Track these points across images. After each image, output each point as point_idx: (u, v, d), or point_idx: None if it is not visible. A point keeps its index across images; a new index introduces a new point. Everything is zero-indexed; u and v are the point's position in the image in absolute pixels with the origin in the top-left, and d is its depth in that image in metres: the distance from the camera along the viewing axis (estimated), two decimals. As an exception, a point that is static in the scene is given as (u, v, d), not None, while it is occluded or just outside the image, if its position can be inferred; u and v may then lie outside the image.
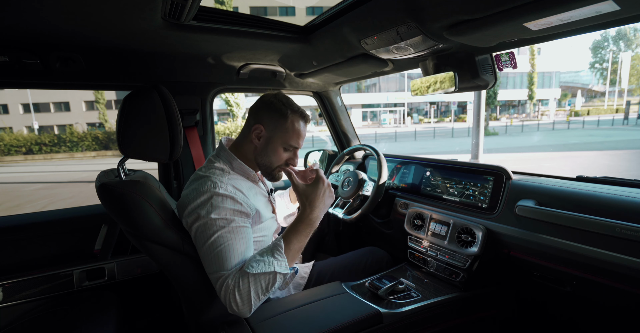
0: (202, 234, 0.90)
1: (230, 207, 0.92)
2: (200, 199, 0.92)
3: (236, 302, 0.85)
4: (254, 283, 0.86)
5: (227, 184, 0.96)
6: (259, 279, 0.86)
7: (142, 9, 0.91)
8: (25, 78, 1.25)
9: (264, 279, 0.87)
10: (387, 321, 0.99)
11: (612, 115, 29.95)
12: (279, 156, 1.04)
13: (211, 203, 0.91)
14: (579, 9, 0.71)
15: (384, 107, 33.09)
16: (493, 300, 1.26)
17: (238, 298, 0.85)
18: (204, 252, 0.90)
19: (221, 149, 1.07)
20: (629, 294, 0.89)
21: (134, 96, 0.93)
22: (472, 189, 1.29)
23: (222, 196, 0.92)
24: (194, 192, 0.95)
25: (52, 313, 1.21)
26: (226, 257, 0.88)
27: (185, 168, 1.61)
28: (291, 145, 1.04)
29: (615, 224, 0.86)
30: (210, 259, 0.89)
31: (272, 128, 1.02)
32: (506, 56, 1.17)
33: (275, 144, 1.03)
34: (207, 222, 0.90)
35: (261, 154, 1.04)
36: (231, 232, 0.91)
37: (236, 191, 0.96)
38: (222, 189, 0.93)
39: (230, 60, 1.46)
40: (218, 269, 0.88)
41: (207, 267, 0.90)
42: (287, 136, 1.03)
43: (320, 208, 1.01)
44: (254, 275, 0.86)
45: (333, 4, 1.11)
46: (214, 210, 0.90)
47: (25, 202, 7.59)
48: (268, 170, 1.07)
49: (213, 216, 0.90)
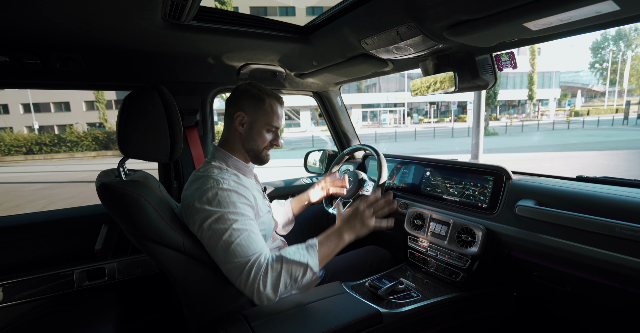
0: (217, 230, 0.91)
1: (237, 200, 0.96)
2: (206, 196, 0.93)
3: (265, 283, 0.86)
4: (287, 268, 0.89)
5: (228, 180, 0.99)
6: (291, 266, 0.89)
7: (142, 9, 0.91)
8: (25, 78, 1.25)
9: (296, 268, 0.90)
10: (387, 321, 0.99)
11: (612, 115, 29.97)
12: (263, 138, 1.10)
13: (218, 199, 0.93)
14: (579, 9, 0.71)
15: (384, 107, 33.10)
16: (493, 300, 1.26)
17: (269, 279, 0.87)
18: (222, 246, 0.90)
19: (215, 150, 1.11)
20: (629, 294, 0.89)
21: (134, 96, 0.93)
22: (472, 189, 1.29)
23: (227, 191, 0.95)
24: (197, 192, 0.95)
25: (52, 313, 1.21)
26: (249, 244, 0.90)
27: (185, 169, 1.61)
28: (273, 126, 1.11)
29: (615, 224, 0.86)
30: (231, 251, 0.89)
31: (253, 113, 1.08)
32: (506, 56, 1.17)
33: (259, 127, 1.09)
34: (219, 217, 0.91)
35: (247, 139, 1.09)
36: (245, 224, 0.93)
37: (238, 185, 1.00)
38: (226, 184, 0.96)
39: (230, 60, 1.46)
40: (243, 255, 0.88)
41: (228, 259, 0.89)
42: (268, 118, 1.09)
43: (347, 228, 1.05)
44: (288, 261, 0.89)
45: (333, 4, 1.11)
46: (223, 205, 0.93)
47: (26, 202, 7.59)
48: (256, 154, 1.11)
49: (224, 210, 0.92)
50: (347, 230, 1.03)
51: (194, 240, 0.97)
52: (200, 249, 0.97)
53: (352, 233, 1.03)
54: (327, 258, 1.00)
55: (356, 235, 1.04)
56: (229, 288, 1.03)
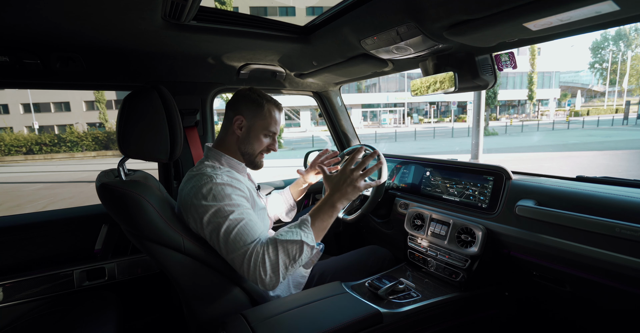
0: (216, 223, 0.92)
1: (232, 192, 0.98)
2: (201, 193, 0.95)
3: (265, 269, 0.87)
4: (283, 250, 0.90)
5: (221, 175, 1.01)
6: (286, 247, 0.90)
7: (142, 9, 0.91)
8: (25, 78, 1.25)
9: (292, 247, 0.90)
10: (387, 321, 0.99)
11: (611, 115, 29.97)
12: (260, 142, 1.13)
13: (213, 194, 0.95)
14: (579, 9, 0.71)
15: (384, 107, 33.09)
16: (493, 300, 1.26)
17: (268, 265, 0.88)
18: (222, 237, 0.91)
19: (208, 150, 1.14)
20: (629, 294, 0.89)
21: (134, 96, 0.93)
22: (472, 189, 1.29)
23: (221, 185, 0.97)
24: (193, 189, 0.97)
25: (52, 313, 1.21)
26: (247, 233, 0.92)
27: (185, 168, 1.61)
28: (270, 131, 1.13)
29: (614, 224, 0.86)
30: (231, 241, 0.91)
31: (252, 117, 1.10)
32: (506, 56, 1.18)
33: (257, 131, 1.11)
34: (216, 210, 0.93)
35: (244, 143, 1.11)
36: (242, 213, 0.95)
37: (231, 179, 1.02)
38: (219, 179, 0.98)
39: (230, 60, 1.46)
40: (242, 244, 0.90)
41: (230, 249, 0.91)
42: (266, 123, 1.11)
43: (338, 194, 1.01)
44: (282, 242, 0.90)
45: (333, 4, 1.11)
46: (218, 198, 0.94)
47: (26, 202, 7.59)
48: (251, 158, 1.14)
49: (220, 203, 0.94)
50: (339, 197, 1.00)
51: (194, 240, 0.97)
52: (200, 249, 0.97)
53: (343, 199, 1.01)
54: (324, 230, 1.00)
55: (348, 200, 1.02)
56: (229, 288, 1.03)
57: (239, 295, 1.04)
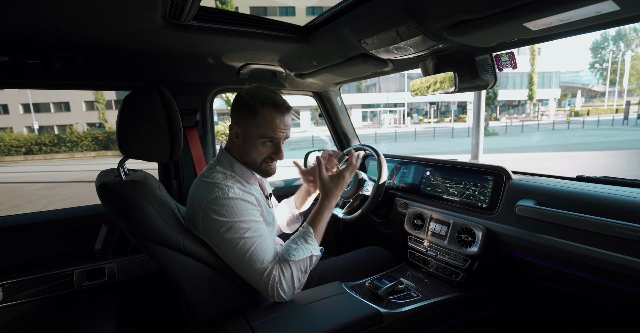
0: (230, 240, 0.93)
1: (245, 208, 0.97)
2: (214, 207, 0.94)
3: (283, 289, 0.95)
4: (296, 269, 0.96)
5: (233, 187, 0.98)
6: (300, 265, 0.97)
7: (142, 9, 0.91)
8: (25, 78, 1.25)
9: (304, 264, 0.98)
10: (387, 321, 0.99)
11: (612, 115, 29.95)
12: (258, 151, 1.02)
13: (227, 209, 0.94)
14: (579, 9, 0.71)
15: (384, 107, 33.09)
16: (493, 300, 1.25)
17: (285, 286, 0.95)
18: (237, 254, 0.94)
19: (222, 153, 1.09)
20: (629, 294, 0.89)
21: (134, 96, 0.93)
22: (472, 189, 1.29)
23: (234, 200, 0.95)
24: (204, 201, 0.95)
25: (52, 313, 1.21)
26: (263, 253, 0.95)
27: (185, 169, 1.61)
28: (268, 137, 1.01)
29: (614, 224, 0.86)
30: (247, 260, 0.93)
31: (244, 124, 1.01)
32: (506, 56, 1.17)
33: (252, 140, 1.01)
34: (230, 227, 0.93)
35: (243, 152, 1.05)
36: (256, 230, 0.96)
37: (244, 193, 1.00)
38: (232, 193, 0.96)
39: (230, 60, 1.46)
40: (259, 265, 0.93)
41: (245, 269, 0.94)
42: (261, 129, 0.99)
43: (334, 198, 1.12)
44: (295, 263, 0.96)
45: (333, 4, 1.11)
46: (232, 215, 0.94)
47: (26, 202, 7.58)
48: (255, 167, 1.06)
49: (234, 220, 0.93)
50: (333, 199, 1.10)
51: (194, 240, 0.97)
52: (200, 249, 0.97)
53: (335, 199, 1.11)
54: (323, 232, 1.08)
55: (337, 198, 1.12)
56: (229, 288, 1.03)
57: (239, 295, 1.04)
